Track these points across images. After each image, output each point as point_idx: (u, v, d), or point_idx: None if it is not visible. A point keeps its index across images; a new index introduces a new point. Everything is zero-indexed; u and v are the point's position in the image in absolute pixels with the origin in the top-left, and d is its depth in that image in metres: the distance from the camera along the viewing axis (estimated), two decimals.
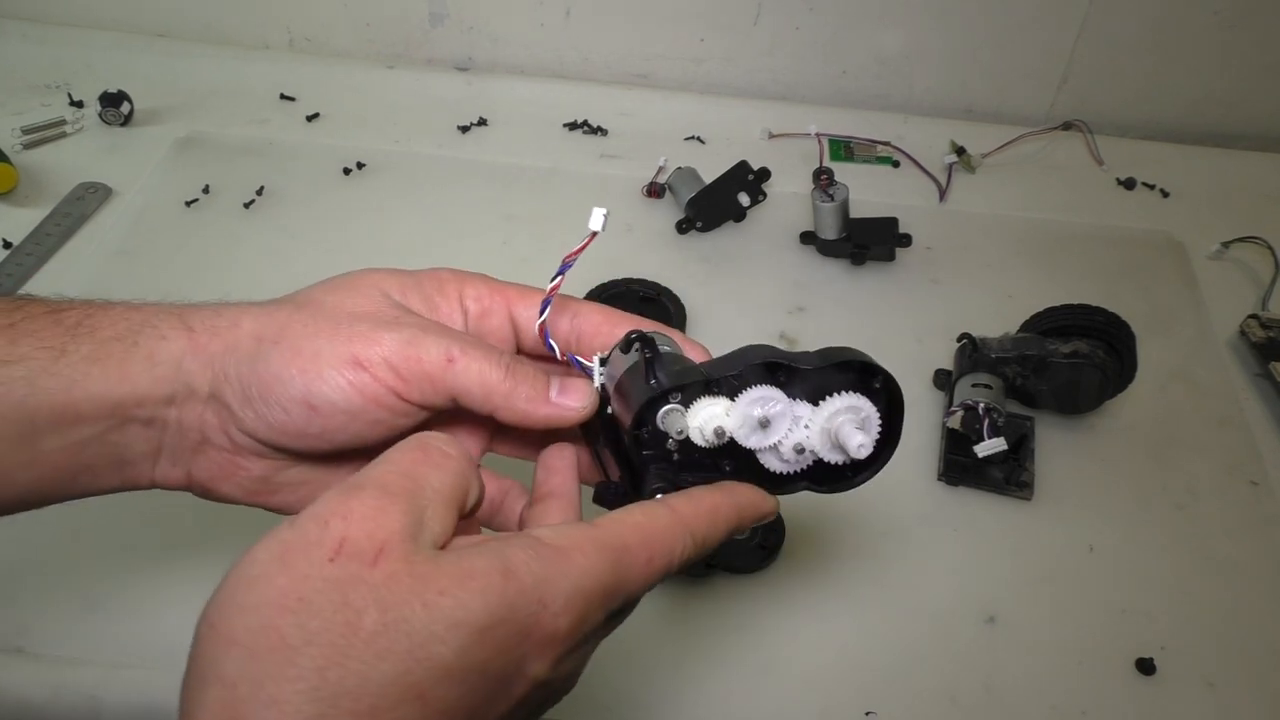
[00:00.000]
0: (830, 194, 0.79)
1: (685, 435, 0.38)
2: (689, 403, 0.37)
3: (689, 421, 0.37)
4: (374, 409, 0.37)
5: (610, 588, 0.33)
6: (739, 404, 0.37)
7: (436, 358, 0.37)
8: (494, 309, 0.43)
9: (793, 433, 0.38)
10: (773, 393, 0.37)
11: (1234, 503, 0.68)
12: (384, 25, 1.01)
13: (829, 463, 0.39)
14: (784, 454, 0.39)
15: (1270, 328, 0.78)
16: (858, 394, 0.38)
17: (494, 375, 0.38)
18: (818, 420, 0.38)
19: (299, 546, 0.29)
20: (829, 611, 0.60)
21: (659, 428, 0.37)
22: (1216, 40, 0.94)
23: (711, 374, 0.37)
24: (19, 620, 0.57)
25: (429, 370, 0.37)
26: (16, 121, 0.90)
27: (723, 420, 0.37)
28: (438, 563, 0.30)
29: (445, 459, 0.33)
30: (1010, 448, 0.64)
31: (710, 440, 0.37)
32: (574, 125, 0.97)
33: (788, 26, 0.97)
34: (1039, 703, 0.57)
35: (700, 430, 0.37)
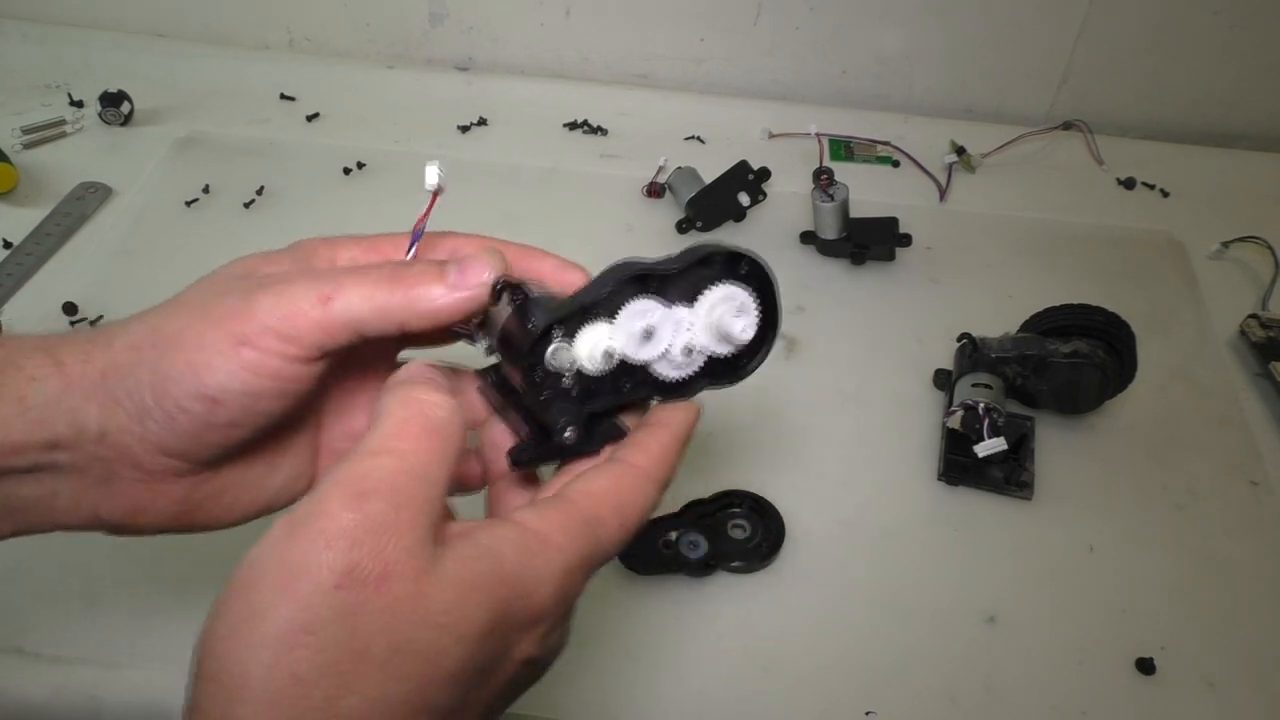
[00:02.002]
0: (830, 194, 0.79)
1: (577, 367, 0.38)
2: (572, 335, 0.38)
3: (577, 352, 0.38)
4: (274, 382, 0.35)
5: (589, 558, 0.34)
6: (619, 322, 0.38)
7: (312, 302, 0.35)
8: None
9: (678, 336, 0.39)
10: (649, 303, 0.38)
11: (1234, 503, 0.68)
12: (384, 25, 1.01)
13: (721, 356, 0.40)
14: (675, 359, 0.39)
15: (1270, 327, 0.78)
16: (729, 283, 0.39)
17: (380, 293, 0.35)
18: (699, 318, 0.39)
19: (302, 570, 0.28)
20: (829, 611, 0.60)
21: (551, 368, 0.38)
22: (1216, 40, 0.95)
23: (585, 300, 0.38)
24: (19, 620, 0.57)
25: (311, 319, 0.35)
26: (16, 121, 0.90)
27: (608, 342, 0.38)
28: (441, 577, 0.29)
29: (452, 442, 0.33)
30: (1010, 448, 0.64)
31: (602, 365, 0.38)
32: (574, 125, 0.97)
33: (788, 26, 0.97)
34: (1039, 703, 0.57)
35: (590, 357, 0.38)
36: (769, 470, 0.67)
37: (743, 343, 0.39)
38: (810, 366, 0.75)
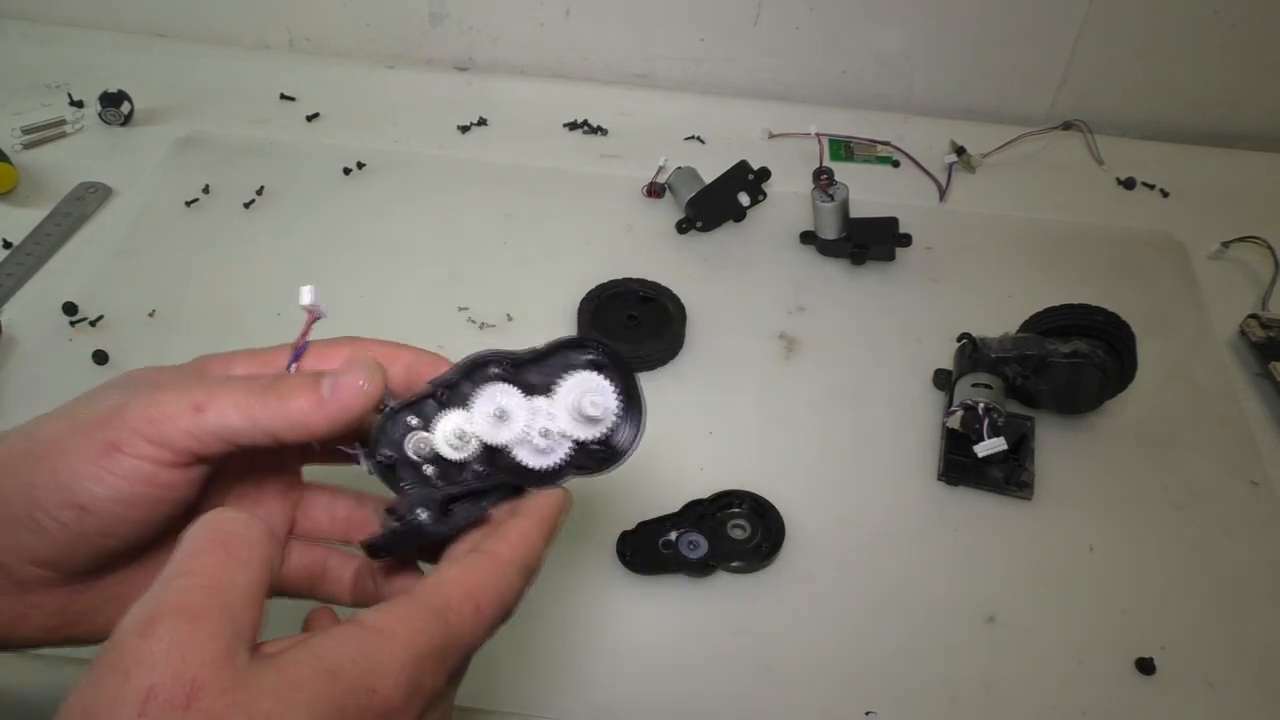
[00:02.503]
0: (830, 194, 0.79)
1: (435, 452, 0.38)
2: (429, 423, 0.38)
3: (435, 439, 0.38)
4: (146, 489, 0.34)
5: (442, 649, 0.32)
6: (475, 406, 0.39)
7: (183, 410, 0.34)
8: None
9: (535, 419, 0.39)
10: (504, 387, 0.39)
11: (1234, 503, 0.68)
12: (384, 25, 1.01)
13: (589, 443, 0.40)
14: (538, 444, 0.39)
15: (1270, 327, 0.78)
16: (586, 371, 0.40)
17: (253, 403, 0.35)
18: (557, 404, 0.39)
19: (102, 707, 0.27)
20: (829, 611, 0.60)
21: (411, 458, 0.38)
22: (1216, 40, 0.95)
23: (436, 383, 0.39)
24: None
25: (181, 427, 0.34)
26: (16, 121, 0.90)
27: (462, 423, 0.38)
28: (258, 681, 0.28)
29: (249, 549, 0.31)
30: (1010, 448, 0.64)
31: (458, 445, 0.38)
32: (574, 125, 0.97)
33: (788, 26, 0.97)
34: (1039, 702, 0.57)
35: (446, 441, 0.38)
36: (769, 470, 0.67)
37: (598, 417, 0.39)
38: (810, 366, 0.75)
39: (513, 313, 0.77)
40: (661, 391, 0.72)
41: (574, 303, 0.75)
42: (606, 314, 0.75)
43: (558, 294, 0.77)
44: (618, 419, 0.40)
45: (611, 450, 0.41)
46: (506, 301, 0.78)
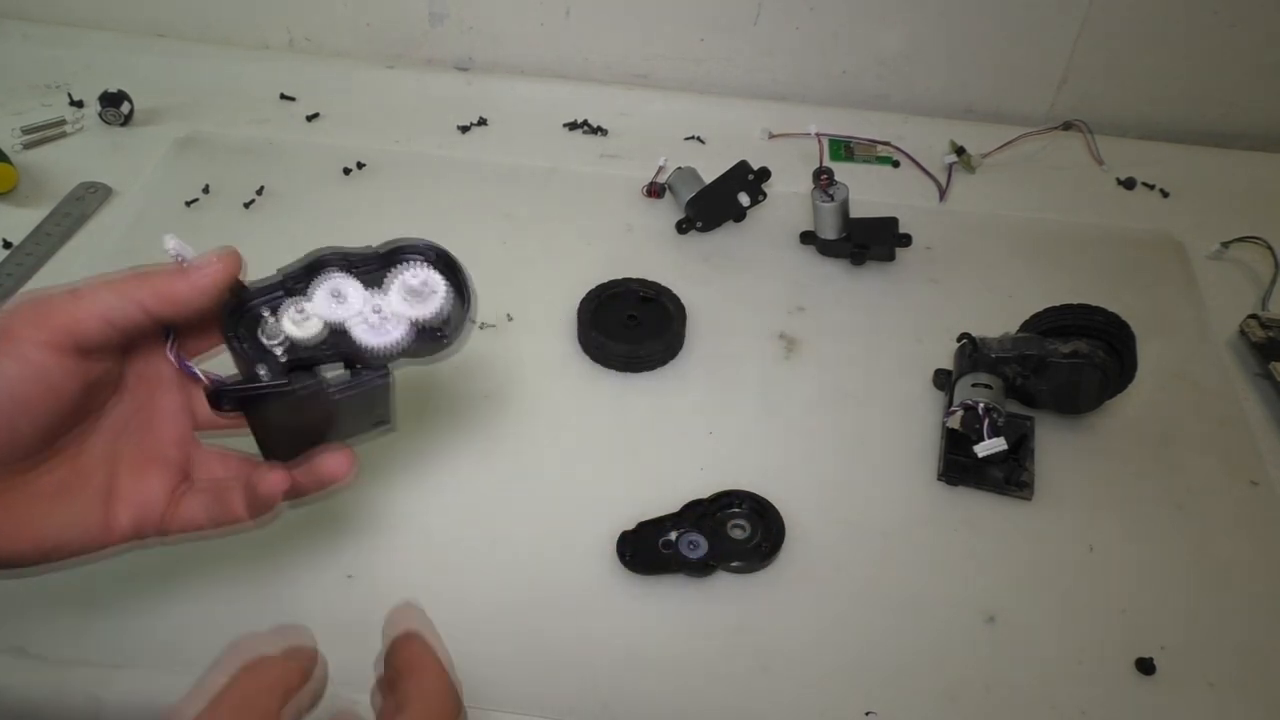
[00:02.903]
0: (830, 194, 0.79)
1: (282, 332, 0.43)
2: (276, 310, 0.44)
3: (282, 322, 0.43)
4: (28, 369, 0.39)
5: None
6: (315, 290, 0.44)
7: (62, 297, 0.40)
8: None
9: (370, 301, 0.44)
10: (342, 275, 0.44)
11: (1234, 503, 0.68)
12: (384, 25, 1.01)
13: (418, 323, 0.44)
14: (371, 320, 0.44)
15: (1270, 328, 0.78)
16: (414, 261, 0.45)
17: (126, 283, 0.41)
18: (390, 287, 0.44)
19: None
20: (829, 611, 0.60)
21: (264, 343, 0.43)
22: (1216, 40, 0.94)
23: (285, 273, 0.44)
24: (19, 620, 0.57)
25: (60, 307, 0.40)
26: (16, 121, 0.90)
27: (304, 303, 0.44)
28: None
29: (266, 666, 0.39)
30: (1010, 448, 0.64)
31: (299, 321, 0.43)
32: (574, 125, 0.97)
33: (788, 26, 0.97)
34: (1039, 702, 0.57)
35: (289, 319, 0.43)
36: (769, 470, 0.67)
37: (422, 294, 0.44)
38: (810, 366, 0.75)
39: (513, 313, 0.77)
40: (661, 391, 0.72)
41: (574, 303, 0.75)
42: (606, 314, 0.75)
43: (558, 294, 0.77)
44: (445, 301, 0.44)
45: (440, 333, 0.45)
46: (506, 301, 0.78)
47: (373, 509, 0.64)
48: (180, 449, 0.48)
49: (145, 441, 0.46)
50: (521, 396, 0.71)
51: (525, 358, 0.74)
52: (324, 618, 0.58)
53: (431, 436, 0.68)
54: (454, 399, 0.71)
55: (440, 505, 0.65)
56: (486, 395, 0.71)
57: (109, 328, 0.41)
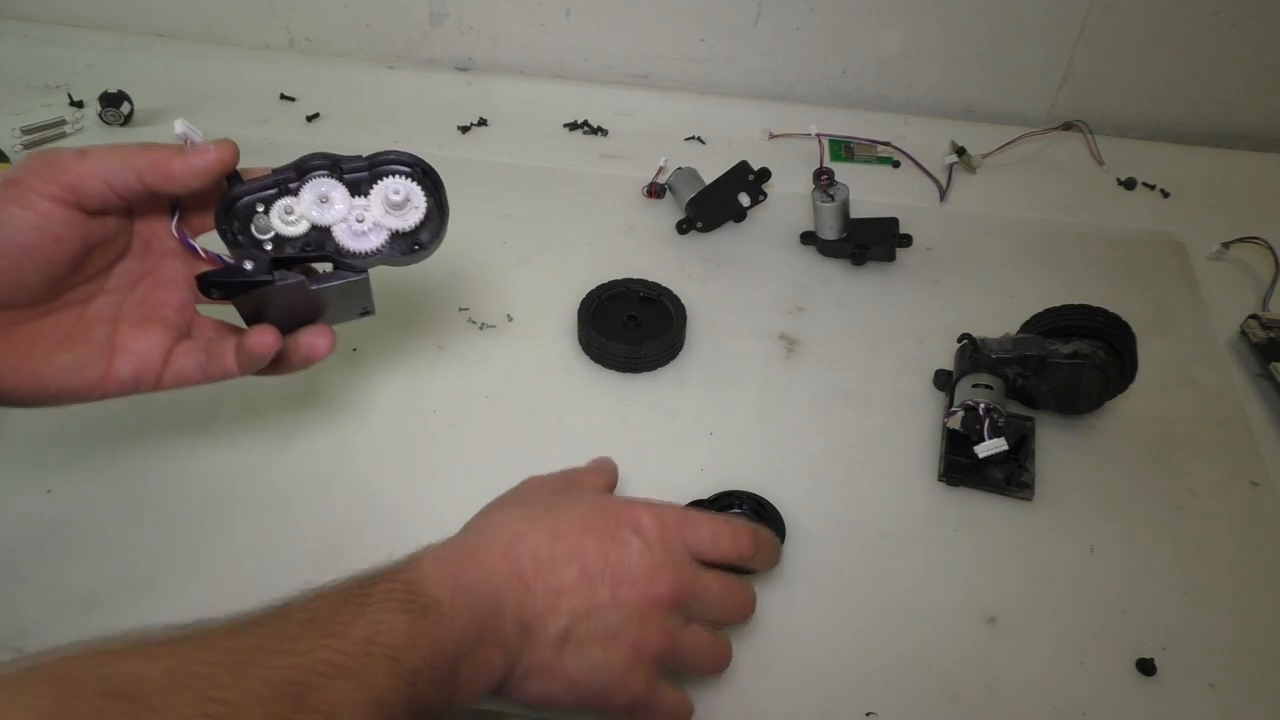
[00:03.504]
0: (830, 194, 0.79)
1: (271, 229, 0.49)
2: (268, 208, 0.49)
3: (271, 217, 0.49)
4: (34, 215, 0.43)
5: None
6: (303, 192, 0.49)
7: (70, 155, 0.45)
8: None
9: (355, 209, 0.50)
10: (330, 180, 0.50)
11: (1235, 503, 0.67)
12: (384, 25, 1.01)
13: (398, 233, 0.50)
14: (354, 227, 0.49)
15: (1271, 328, 0.78)
16: (398, 176, 0.50)
17: (129, 152, 0.45)
18: (373, 198, 0.50)
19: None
20: (829, 611, 0.60)
21: (255, 236, 0.49)
22: (1216, 40, 0.94)
23: (278, 173, 0.49)
24: (19, 620, 0.57)
25: (66, 164, 0.44)
26: (16, 121, 0.90)
27: (293, 204, 0.49)
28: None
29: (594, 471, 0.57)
30: (1011, 448, 0.64)
31: (288, 221, 0.48)
32: (574, 125, 0.97)
33: (788, 26, 0.97)
34: (1039, 703, 0.57)
35: (279, 216, 0.48)
36: (769, 470, 0.67)
37: (401, 205, 0.49)
38: (810, 366, 0.75)
39: (513, 313, 0.77)
40: (661, 391, 0.72)
41: (574, 303, 0.75)
42: (606, 314, 0.75)
43: (558, 294, 0.77)
44: (424, 216, 0.50)
45: (417, 244, 0.50)
46: (506, 301, 0.77)
47: (373, 509, 0.64)
48: (180, 314, 0.52)
49: (149, 303, 0.51)
50: (521, 396, 0.71)
51: (525, 358, 0.74)
52: None
53: (432, 436, 0.68)
54: (454, 399, 0.71)
55: (440, 505, 0.64)
56: (487, 395, 0.71)
57: (108, 190, 0.45)
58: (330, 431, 0.68)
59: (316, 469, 0.66)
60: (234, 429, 0.67)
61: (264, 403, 0.69)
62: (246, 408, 0.69)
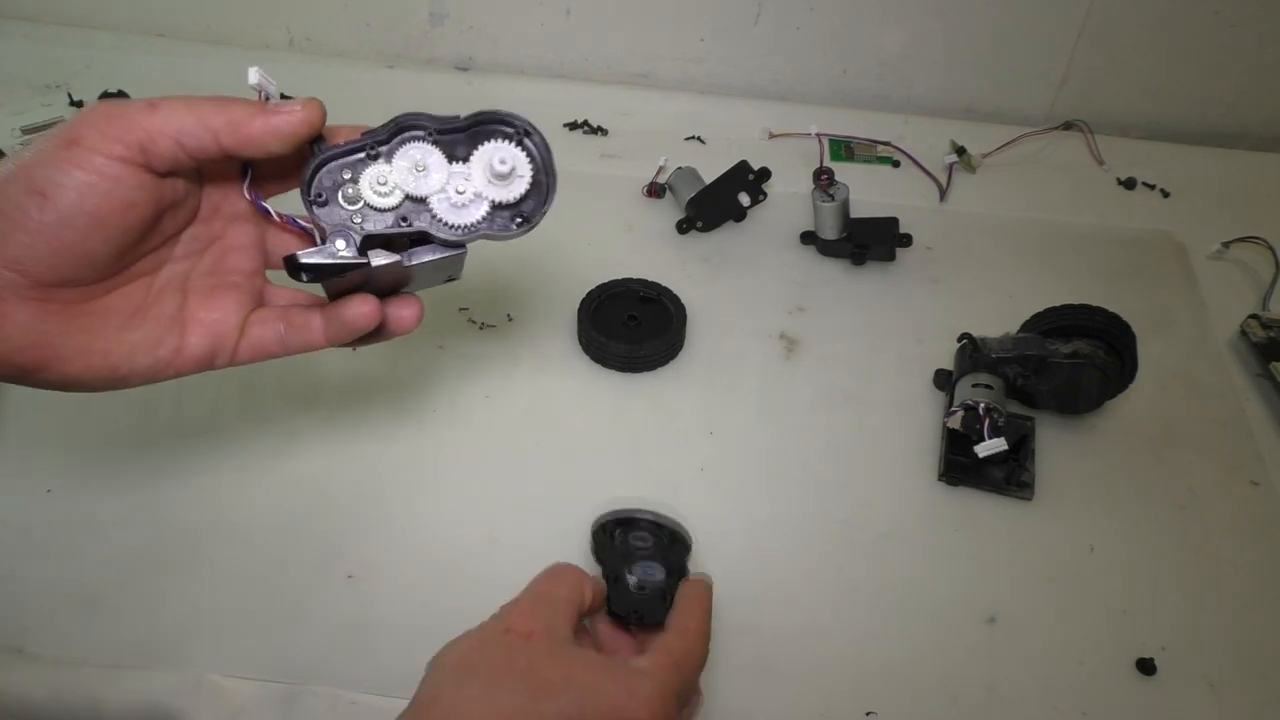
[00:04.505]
0: (830, 194, 0.79)
1: (361, 198, 0.43)
2: (357, 177, 0.43)
3: (360, 187, 0.43)
4: (99, 179, 0.38)
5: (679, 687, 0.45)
6: (397, 159, 0.43)
7: (138, 106, 0.39)
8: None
9: (454, 179, 0.43)
10: (425, 146, 0.43)
11: (1235, 503, 0.67)
12: (384, 25, 1.01)
13: (500, 205, 0.44)
14: (454, 199, 0.43)
15: (1271, 328, 0.78)
16: (503, 140, 0.43)
17: (204, 106, 0.41)
18: (474, 166, 0.43)
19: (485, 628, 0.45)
20: (829, 611, 0.60)
21: (340, 203, 0.43)
22: (1217, 40, 0.95)
23: (369, 136, 0.43)
24: (19, 620, 0.57)
25: (134, 119, 0.39)
26: (16, 121, 0.90)
27: (385, 172, 0.43)
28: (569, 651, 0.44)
29: (566, 574, 0.48)
30: (1011, 448, 0.64)
31: (381, 192, 0.43)
32: (574, 125, 0.97)
33: (788, 26, 0.97)
34: (1039, 703, 0.57)
35: (370, 186, 0.43)
36: (769, 470, 0.67)
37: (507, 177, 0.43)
38: (810, 366, 0.75)
39: (513, 313, 0.77)
40: (661, 391, 0.72)
41: (574, 303, 0.75)
42: (606, 314, 0.75)
43: (558, 294, 0.77)
44: (530, 186, 0.44)
45: (523, 217, 0.45)
46: (506, 301, 0.78)
47: (373, 509, 0.64)
48: (252, 281, 0.47)
49: (219, 270, 0.46)
50: (521, 396, 0.71)
51: (525, 358, 0.74)
52: (324, 618, 0.58)
53: (432, 436, 0.68)
54: (454, 399, 0.71)
55: (440, 505, 0.65)
56: (487, 395, 0.71)
57: (180, 149, 0.40)
58: (331, 431, 0.68)
59: (317, 469, 0.66)
60: (235, 429, 0.67)
61: (265, 403, 0.69)
62: (247, 408, 0.69)
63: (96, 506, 0.63)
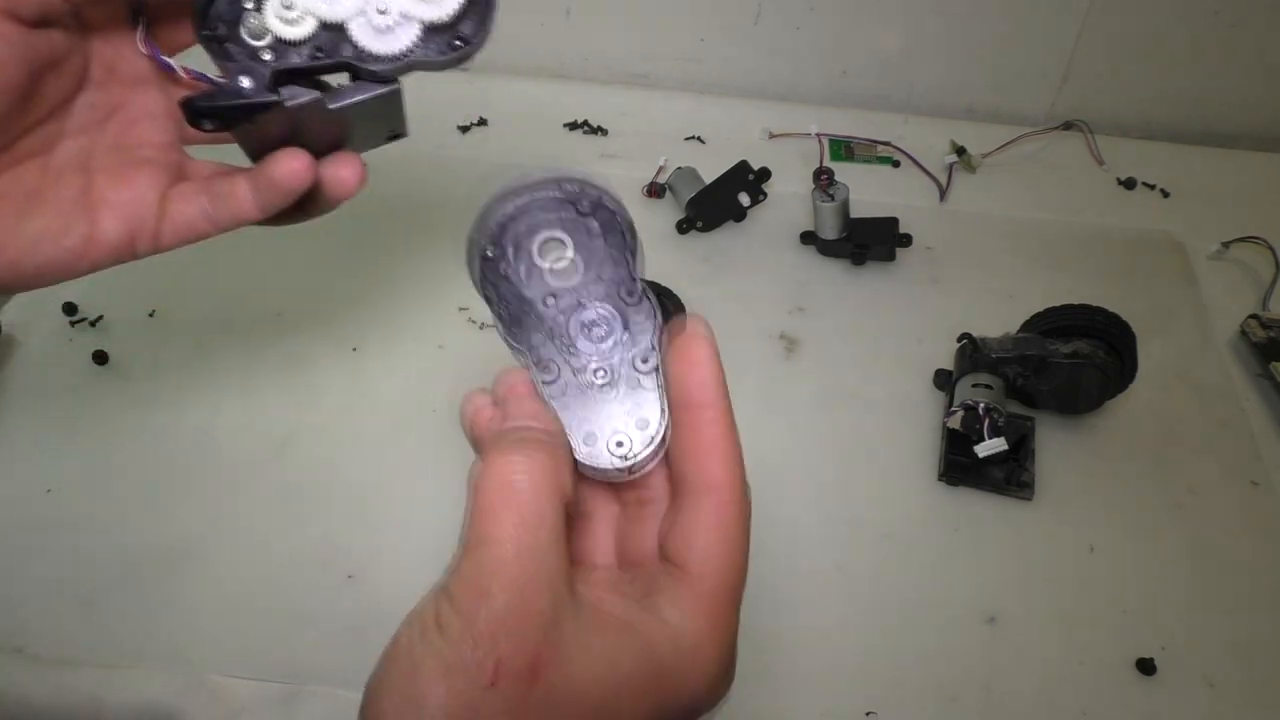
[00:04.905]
0: (830, 194, 0.79)
1: (268, 30, 0.37)
2: (262, 5, 0.37)
3: (266, 15, 0.36)
4: None
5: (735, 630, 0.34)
6: None
7: None
8: None
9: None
10: None
11: (1235, 503, 0.68)
12: None
13: (432, 25, 0.37)
14: (375, 21, 0.37)
15: (1271, 328, 0.78)
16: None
17: None
18: None
19: (459, 668, 0.28)
20: (830, 611, 0.60)
21: (247, 43, 0.37)
22: (1216, 40, 0.94)
23: None
24: (19, 620, 0.57)
25: None
26: None
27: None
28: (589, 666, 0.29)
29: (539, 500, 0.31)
30: (1011, 448, 0.64)
31: (290, 20, 0.36)
32: (574, 125, 0.97)
33: (788, 26, 0.97)
34: (1039, 703, 0.57)
35: (275, 14, 0.36)
36: (769, 470, 0.67)
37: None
38: (810, 366, 0.75)
39: None
40: None
41: None
42: None
43: None
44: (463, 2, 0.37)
45: (461, 39, 0.38)
46: None
47: (373, 509, 0.64)
48: (166, 154, 0.42)
49: (125, 143, 0.41)
50: None
51: None
52: (324, 618, 0.58)
53: (431, 436, 0.68)
54: (454, 399, 0.71)
55: (440, 505, 0.65)
56: None
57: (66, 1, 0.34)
58: (331, 431, 0.68)
59: (317, 469, 0.66)
60: (234, 429, 0.67)
61: (264, 402, 0.69)
62: (247, 408, 0.69)
63: (96, 506, 0.63)
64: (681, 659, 0.31)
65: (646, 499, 0.37)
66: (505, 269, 0.38)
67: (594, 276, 0.36)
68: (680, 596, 0.32)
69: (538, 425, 0.34)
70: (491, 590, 0.29)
